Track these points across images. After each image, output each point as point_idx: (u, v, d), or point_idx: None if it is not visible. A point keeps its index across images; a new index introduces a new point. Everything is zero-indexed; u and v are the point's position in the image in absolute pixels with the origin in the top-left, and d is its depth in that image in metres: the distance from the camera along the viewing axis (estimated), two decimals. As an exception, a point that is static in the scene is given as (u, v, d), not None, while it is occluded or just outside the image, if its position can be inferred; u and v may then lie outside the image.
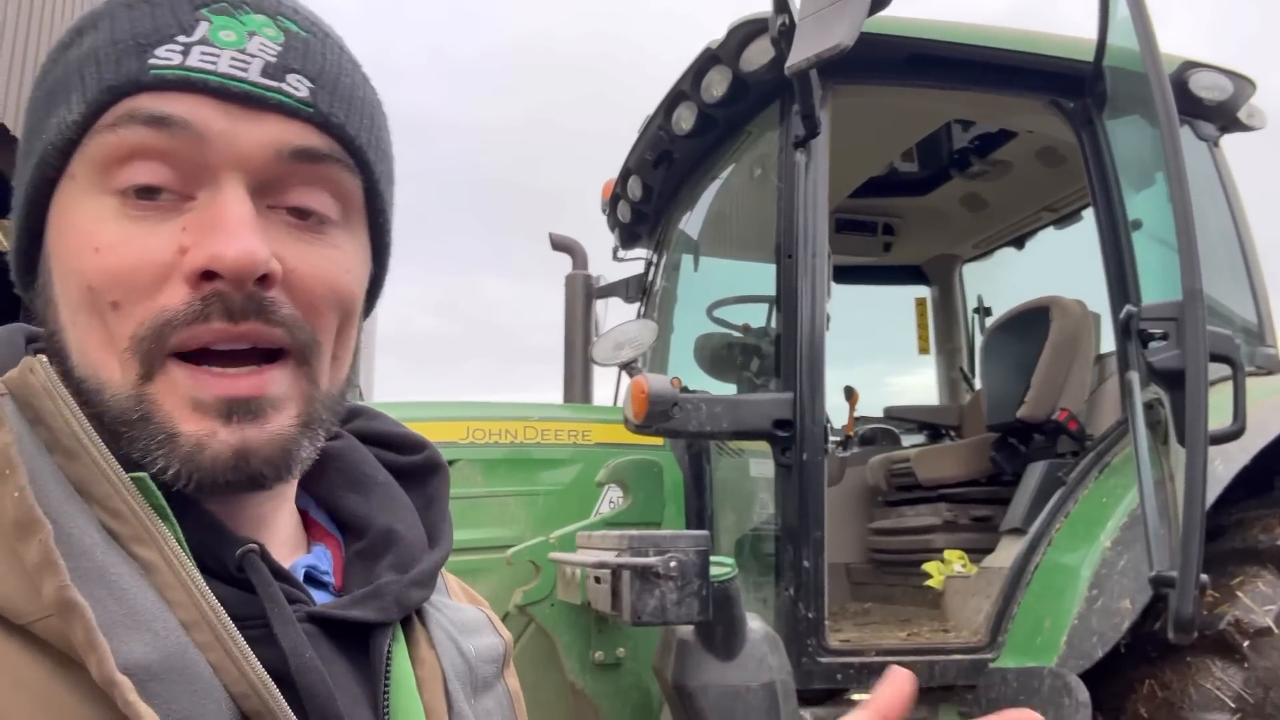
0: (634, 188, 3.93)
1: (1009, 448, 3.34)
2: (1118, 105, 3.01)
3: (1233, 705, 2.28)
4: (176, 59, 0.57)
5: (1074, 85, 2.99)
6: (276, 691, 0.53)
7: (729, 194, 3.59)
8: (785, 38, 2.40)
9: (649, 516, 2.80)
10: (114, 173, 0.57)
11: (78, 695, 0.49)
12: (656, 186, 3.82)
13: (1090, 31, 2.92)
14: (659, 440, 2.99)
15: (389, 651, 0.64)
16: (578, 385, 4.13)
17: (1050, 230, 4.52)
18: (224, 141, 0.58)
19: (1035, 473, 2.92)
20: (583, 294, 4.24)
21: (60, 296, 0.60)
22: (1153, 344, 1.93)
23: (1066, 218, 4.32)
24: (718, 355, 3.52)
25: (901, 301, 5.22)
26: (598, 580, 2.12)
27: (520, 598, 2.57)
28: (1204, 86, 3.24)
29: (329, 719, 0.56)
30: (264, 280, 0.57)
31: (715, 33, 3.15)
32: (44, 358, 0.57)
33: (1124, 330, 2.76)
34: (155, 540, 0.53)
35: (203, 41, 0.58)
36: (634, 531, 2.04)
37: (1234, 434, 1.99)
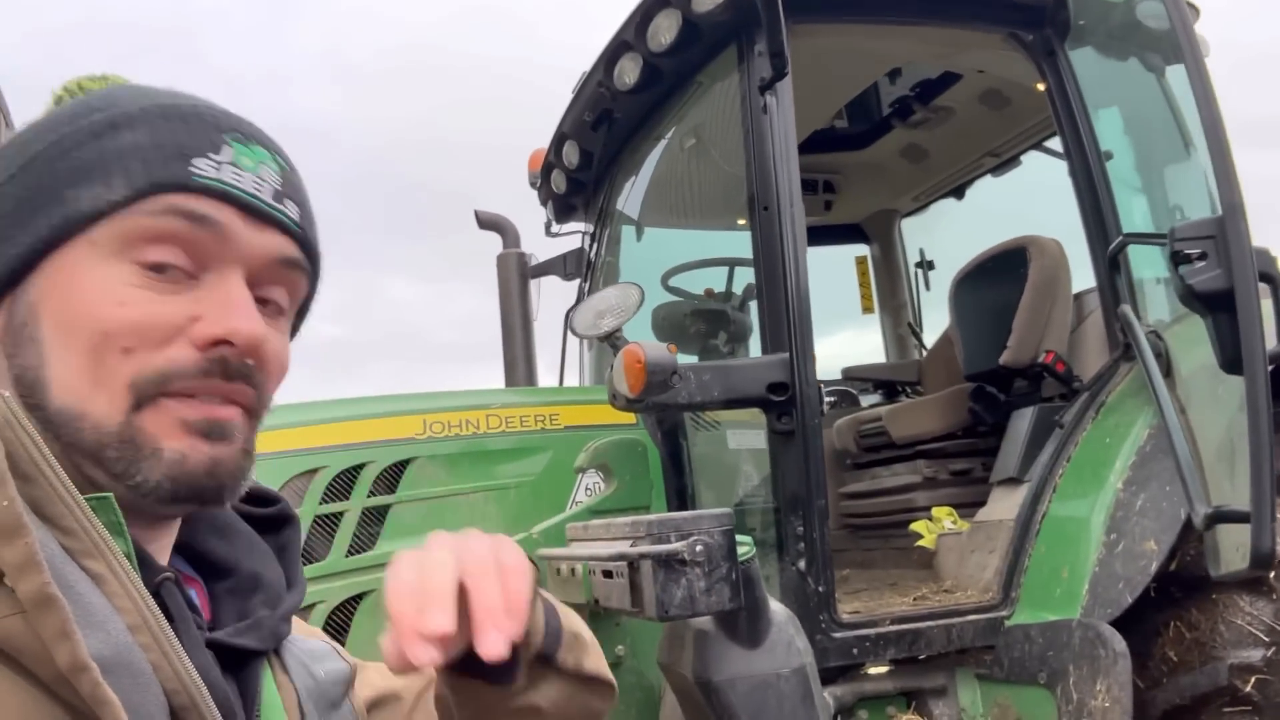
0: (570, 154, 3.68)
1: (988, 397, 3.24)
2: (1078, 37, 2.92)
3: (1266, 639, 2.21)
4: (213, 172, 0.71)
5: (1033, 15, 2.88)
6: (204, 688, 0.63)
7: (678, 153, 3.38)
8: (755, -35, 2.20)
9: (636, 501, 2.59)
10: (139, 248, 0.69)
11: (19, 696, 0.56)
12: (596, 151, 3.58)
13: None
14: (632, 418, 2.78)
15: (261, 676, 0.75)
16: (520, 370, 3.88)
17: (987, 180, 4.47)
18: (241, 242, 0.72)
19: (1024, 419, 2.81)
20: (517, 273, 3.96)
21: (54, 337, 0.68)
22: (1186, 266, 1.80)
23: (1007, 163, 4.26)
24: (680, 324, 3.32)
25: (840, 261, 5.12)
26: (608, 575, 1.89)
27: (506, 602, 2.33)
28: (1150, 15, 3.18)
29: None
30: (254, 353, 0.72)
31: (615, 17, 2.94)
32: (6, 392, 0.61)
33: (1111, 263, 2.68)
34: (104, 554, 0.60)
35: (232, 163, 0.73)
36: (650, 516, 1.82)
37: (1278, 356, 1.89)
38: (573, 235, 4.26)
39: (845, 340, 5.44)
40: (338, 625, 2.24)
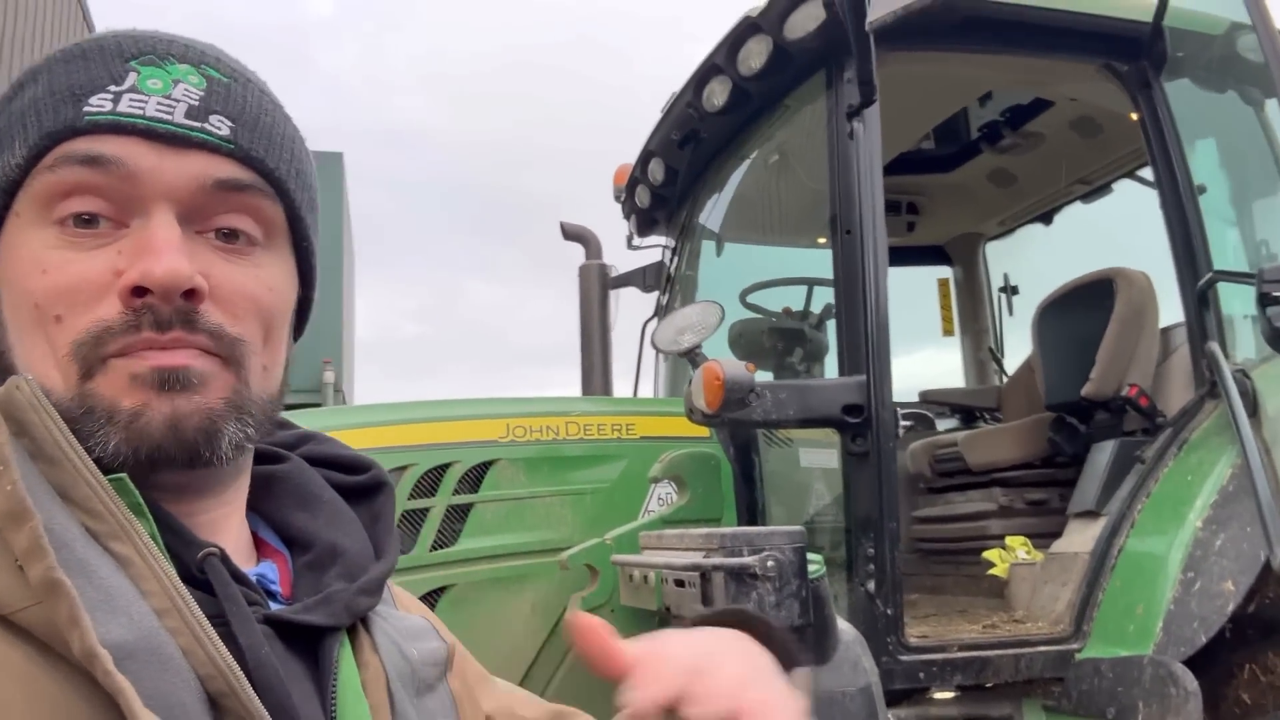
0: (655, 170, 3.77)
1: (1069, 428, 3.21)
2: (1174, 69, 2.89)
3: (1346, 689, 2.16)
4: (108, 105, 0.65)
5: (1129, 47, 2.86)
6: (240, 673, 0.58)
7: (763, 173, 3.43)
8: (849, 0, 2.25)
9: (709, 513, 2.64)
10: (54, 206, 0.65)
11: (57, 680, 0.53)
12: (681, 168, 3.66)
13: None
14: (705, 432, 2.83)
15: (337, 654, 0.69)
16: (597, 378, 3.97)
17: (1077, 205, 4.41)
18: (152, 176, 0.66)
19: (1105, 452, 2.78)
20: (598, 284, 4.07)
21: (10, 318, 0.67)
22: (1273, 309, 1.79)
23: (1097, 190, 4.21)
24: (758, 342, 3.37)
25: (921, 283, 5.09)
26: (680, 584, 1.96)
27: (579, 604, 2.41)
28: (1249, 48, 3.13)
29: (283, 711, 0.60)
30: (191, 295, 0.65)
31: (701, 37, 2.99)
32: (29, 375, 0.60)
33: (1201, 299, 2.65)
34: (130, 536, 0.58)
35: (131, 90, 0.66)
36: (724, 530, 1.88)
37: (1370, 401, 1.86)
38: (654, 248, 4.35)
39: (923, 362, 5.41)
40: (419, 617, 2.35)
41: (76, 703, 0.53)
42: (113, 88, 0.66)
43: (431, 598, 2.37)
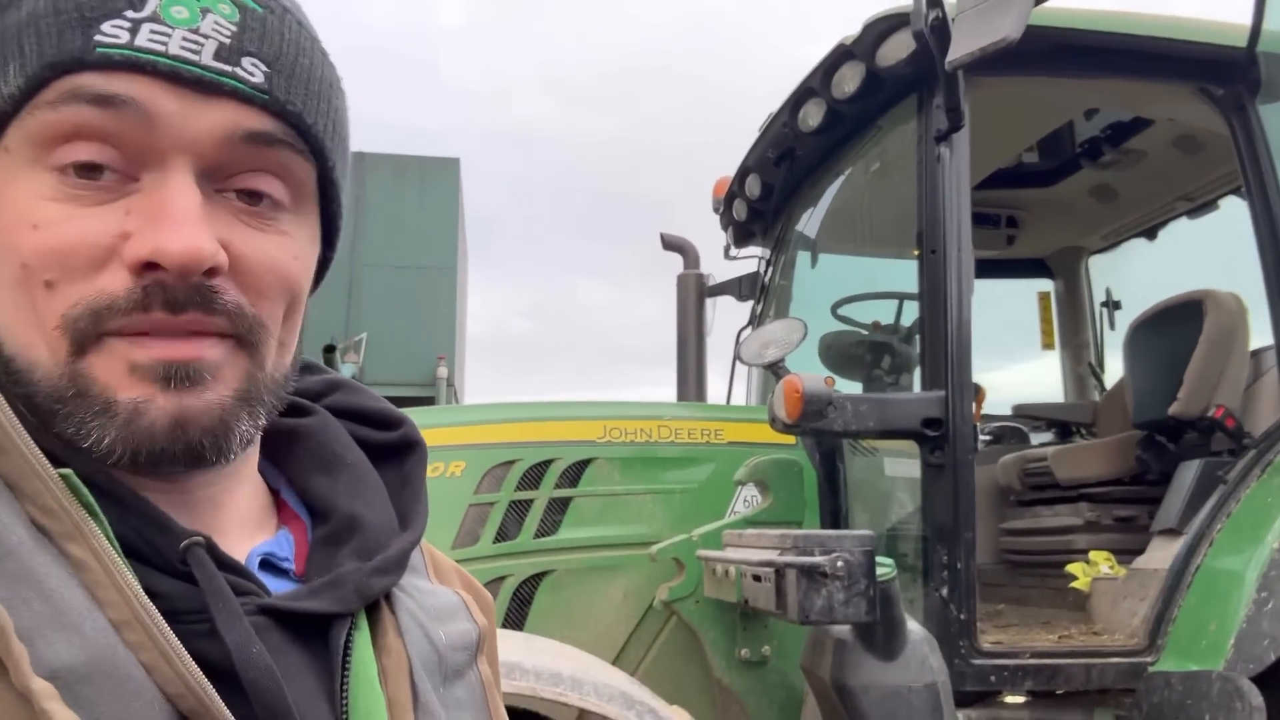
0: (752, 185, 3.93)
1: (1157, 446, 3.23)
2: (1271, 91, 2.90)
3: None
4: (124, 37, 0.55)
5: (1223, 71, 2.88)
6: (212, 690, 0.52)
7: (855, 190, 3.56)
8: (936, 32, 2.38)
9: (790, 516, 2.79)
10: (54, 150, 0.56)
11: (5, 705, 0.47)
12: (777, 184, 3.81)
13: (1234, 16, 2.83)
14: (791, 439, 2.98)
15: (349, 642, 0.62)
16: (691, 383, 4.15)
17: (1183, 220, 4.36)
18: (173, 124, 0.56)
19: (1190, 471, 2.82)
20: (695, 293, 4.27)
21: None
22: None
23: (1202, 207, 4.16)
24: (846, 353, 3.49)
25: (1021, 295, 5.10)
26: (757, 579, 2.13)
27: (666, 594, 2.60)
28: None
29: (278, 714, 0.54)
30: (211, 272, 0.57)
31: (803, 56, 3.12)
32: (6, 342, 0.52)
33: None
34: (86, 537, 0.51)
35: (153, 18, 0.56)
36: (797, 531, 2.05)
37: None
38: (750, 259, 4.51)
39: (1022, 374, 5.40)
40: (522, 598, 2.58)
41: None
42: (130, 13, 0.55)
43: (533, 582, 2.60)
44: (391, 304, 17.58)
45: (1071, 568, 3.11)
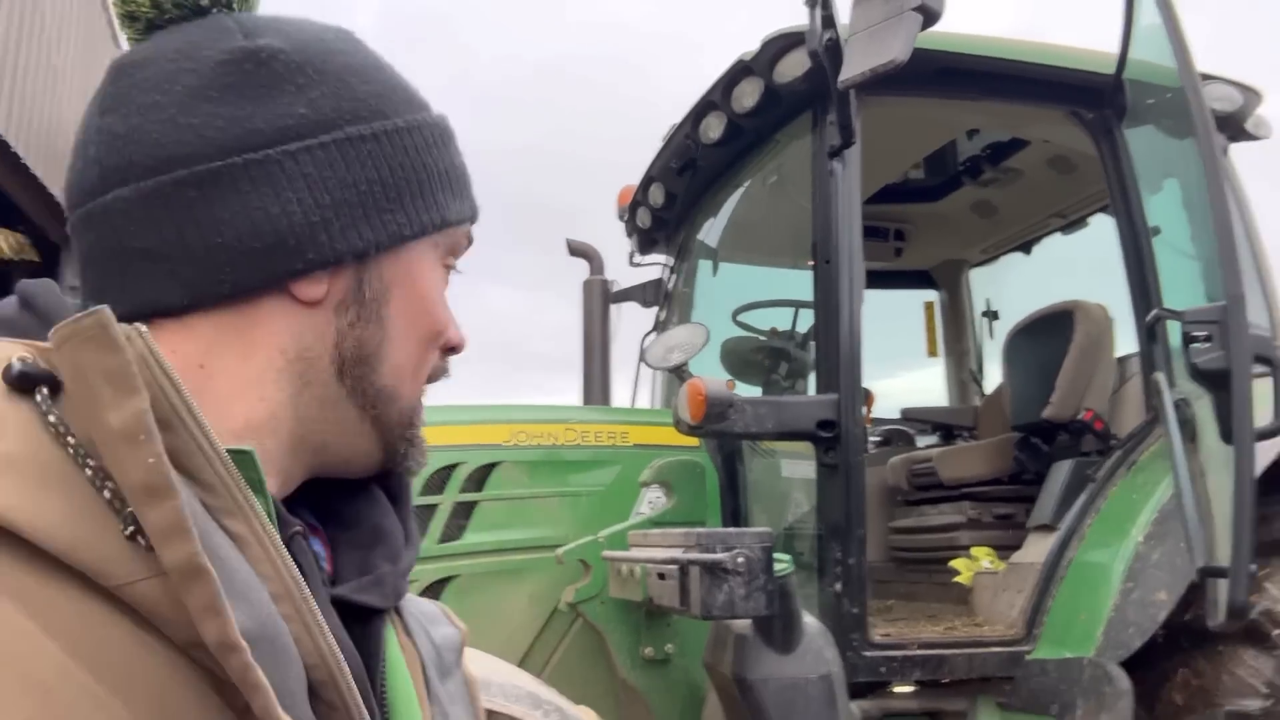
0: (655, 194, 4.00)
1: (1032, 447, 3.44)
2: (1136, 116, 3.12)
3: (1264, 691, 2.38)
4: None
5: (1093, 96, 3.09)
6: (344, 663, 0.58)
7: (754, 201, 3.67)
8: (829, 52, 2.49)
9: (694, 516, 2.87)
10: (447, 258, 0.78)
11: (156, 664, 0.51)
12: (679, 193, 3.90)
13: (1101, 45, 3.04)
14: (694, 441, 3.06)
15: (386, 636, 0.71)
16: (596, 388, 4.20)
17: (1057, 235, 4.64)
18: None
19: (1062, 471, 3.01)
20: (600, 298, 4.31)
21: (395, 322, 0.73)
22: (1194, 345, 2.03)
23: (1074, 223, 4.44)
24: (746, 358, 3.59)
25: (908, 306, 5.33)
26: (662, 577, 2.19)
27: (572, 595, 2.64)
28: (1215, 98, 3.35)
29: (362, 693, 0.61)
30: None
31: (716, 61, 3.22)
32: (143, 327, 0.54)
33: (1149, 333, 2.88)
34: (246, 514, 0.55)
35: None
36: (701, 529, 2.11)
37: (1275, 430, 2.09)
38: (654, 266, 4.59)
39: (909, 380, 5.64)
40: (426, 603, 2.57)
41: (176, 689, 0.51)
42: None
43: (438, 587, 2.60)
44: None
45: (955, 563, 3.28)
